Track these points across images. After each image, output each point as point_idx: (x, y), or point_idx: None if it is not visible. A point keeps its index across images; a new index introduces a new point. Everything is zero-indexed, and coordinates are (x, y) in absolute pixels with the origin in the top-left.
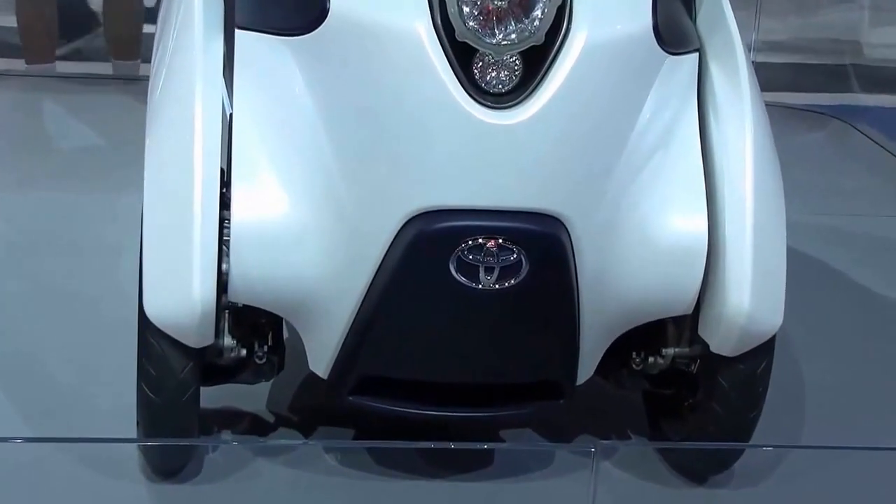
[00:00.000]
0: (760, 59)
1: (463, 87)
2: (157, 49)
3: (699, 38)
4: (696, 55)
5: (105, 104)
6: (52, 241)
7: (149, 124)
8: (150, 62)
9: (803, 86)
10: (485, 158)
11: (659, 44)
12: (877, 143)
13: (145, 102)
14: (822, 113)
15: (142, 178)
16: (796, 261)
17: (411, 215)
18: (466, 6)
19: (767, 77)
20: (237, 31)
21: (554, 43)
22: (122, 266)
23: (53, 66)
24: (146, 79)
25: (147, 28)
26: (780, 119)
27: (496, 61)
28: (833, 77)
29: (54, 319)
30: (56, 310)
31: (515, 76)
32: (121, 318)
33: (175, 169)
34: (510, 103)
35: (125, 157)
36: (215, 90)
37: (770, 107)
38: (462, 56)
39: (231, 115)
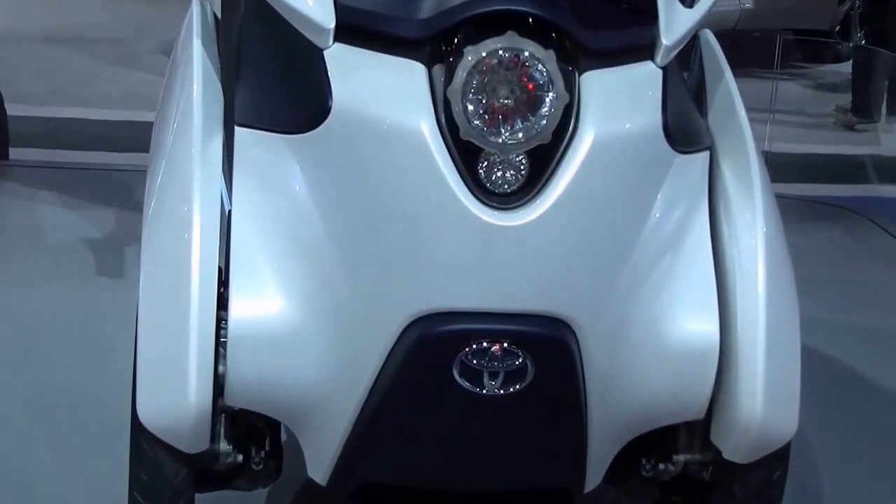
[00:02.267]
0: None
1: (468, 187)
2: (155, 141)
3: (710, 135)
4: (706, 153)
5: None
6: (42, 338)
7: (146, 220)
8: None
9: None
10: (490, 260)
11: (668, 142)
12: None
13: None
14: (837, 206)
15: (136, 275)
16: (813, 360)
17: (414, 318)
18: (471, 104)
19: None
20: (237, 129)
21: (561, 142)
22: (115, 366)
23: None
24: None
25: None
26: (795, 212)
27: (502, 161)
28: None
29: (42, 422)
30: (44, 413)
31: (521, 176)
32: (112, 422)
33: (172, 267)
34: (516, 204)
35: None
36: (214, 188)
37: (785, 199)
38: (467, 155)
39: (230, 212)
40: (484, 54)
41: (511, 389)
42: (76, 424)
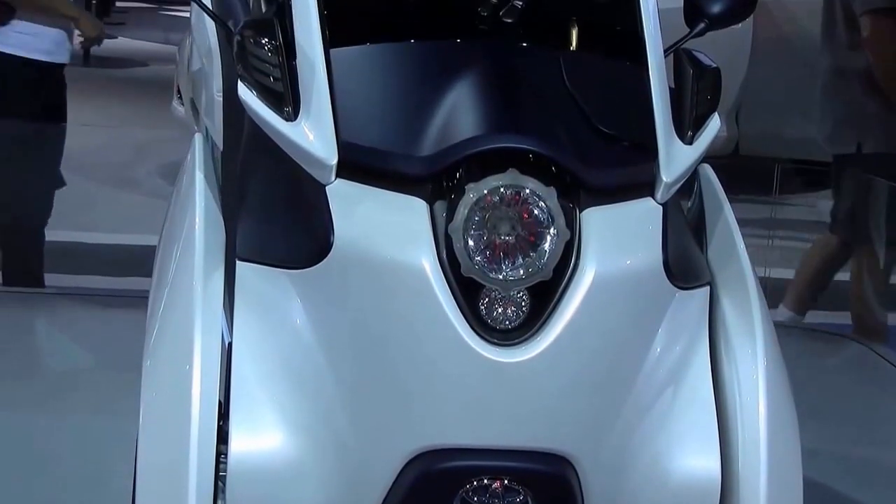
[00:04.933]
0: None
1: (469, 323)
2: (157, 272)
3: (710, 270)
4: (706, 288)
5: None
6: (38, 467)
7: (146, 351)
8: None
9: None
10: (491, 397)
11: (669, 279)
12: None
13: None
14: (837, 334)
15: (135, 405)
16: (816, 494)
17: (414, 454)
18: (473, 241)
19: None
20: (238, 263)
21: (562, 278)
22: (111, 499)
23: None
24: None
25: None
26: (795, 341)
27: (503, 297)
28: None
29: None
30: None
31: (523, 312)
32: None
33: (172, 400)
34: (517, 340)
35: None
36: (215, 321)
37: (785, 327)
38: (468, 292)
39: (230, 345)
40: (485, 191)
41: None
42: None
